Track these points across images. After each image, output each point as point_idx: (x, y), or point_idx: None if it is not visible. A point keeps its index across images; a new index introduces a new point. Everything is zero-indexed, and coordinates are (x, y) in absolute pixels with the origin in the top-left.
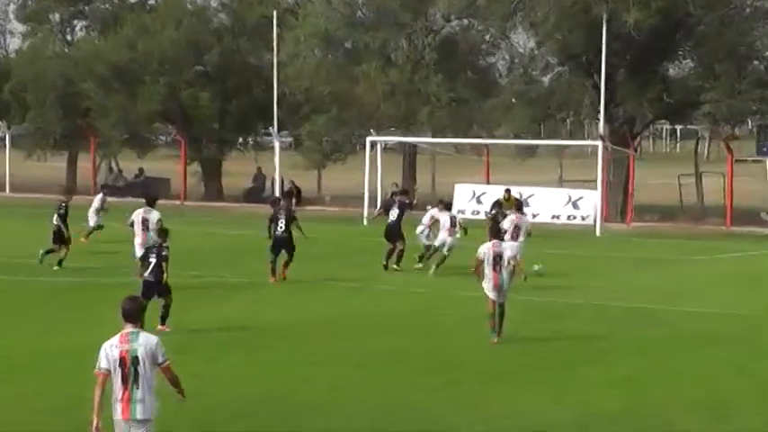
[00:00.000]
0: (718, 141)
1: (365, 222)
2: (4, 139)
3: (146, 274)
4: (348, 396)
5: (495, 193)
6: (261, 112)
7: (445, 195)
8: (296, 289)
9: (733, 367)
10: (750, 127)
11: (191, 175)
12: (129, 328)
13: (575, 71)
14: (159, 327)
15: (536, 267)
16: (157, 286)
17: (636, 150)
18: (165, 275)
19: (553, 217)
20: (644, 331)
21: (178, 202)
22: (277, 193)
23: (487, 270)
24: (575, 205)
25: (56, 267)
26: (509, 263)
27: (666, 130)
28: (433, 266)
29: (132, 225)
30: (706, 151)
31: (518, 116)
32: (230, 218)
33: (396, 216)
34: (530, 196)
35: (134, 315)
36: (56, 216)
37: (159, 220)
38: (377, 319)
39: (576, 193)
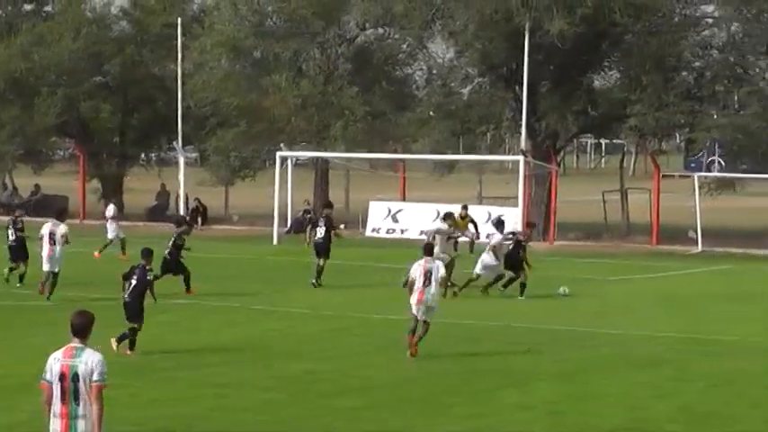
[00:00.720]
0: (644, 156)
1: (275, 242)
2: None
3: (125, 294)
4: (257, 421)
5: (412, 210)
6: (165, 126)
7: (359, 213)
8: (203, 311)
9: (656, 390)
10: (678, 141)
11: (90, 193)
12: (75, 343)
13: (495, 83)
14: (120, 350)
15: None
16: (132, 308)
17: (559, 166)
18: (142, 299)
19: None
20: (566, 354)
21: (77, 221)
22: (182, 212)
23: (416, 286)
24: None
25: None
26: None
27: (591, 144)
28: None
29: (41, 239)
30: (632, 166)
31: (436, 130)
32: (133, 237)
33: (323, 232)
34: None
35: (81, 330)
36: (12, 231)
37: (64, 235)
38: (287, 341)
39: (496, 210)
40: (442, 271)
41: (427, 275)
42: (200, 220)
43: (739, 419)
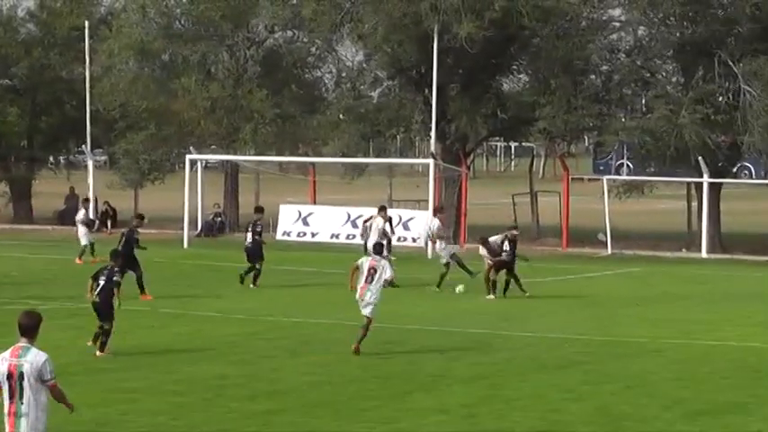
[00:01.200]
0: (554, 159)
1: (185, 245)
2: None
3: (93, 295)
4: (171, 426)
5: (322, 213)
6: (73, 129)
7: (270, 216)
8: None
9: (568, 392)
10: (587, 144)
11: None
12: (22, 343)
13: (405, 86)
14: (98, 353)
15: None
16: (102, 308)
17: (469, 169)
18: (115, 300)
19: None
20: (478, 357)
21: None
22: (91, 215)
23: (360, 280)
24: (405, 226)
25: None
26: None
27: (501, 147)
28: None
29: None
30: (542, 169)
31: (346, 133)
32: (42, 241)
33: (251, 238)
34: (358, 217)
35: (29, 330)
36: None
37: None
38: (197, 345)
39: (406, 213)
40: (389, 272)
41: (371, 272)
42: (109, 223)
43: (653, 420)
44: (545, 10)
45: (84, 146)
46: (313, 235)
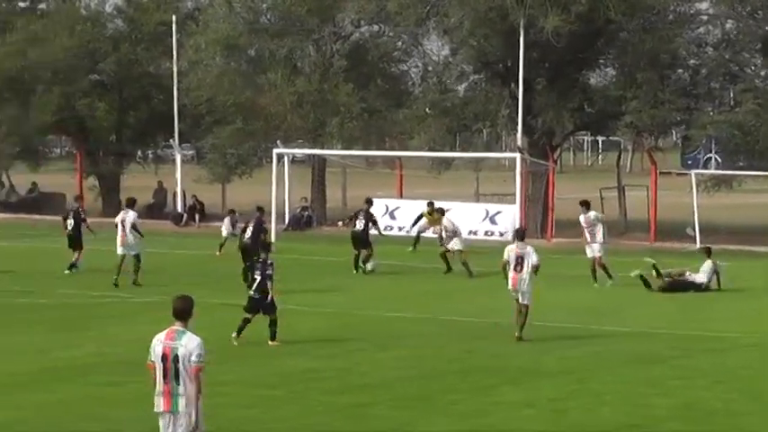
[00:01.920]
0: (641, 153)
1: (273, 239)
2: None
3: (251, 290)
4: (259, 420)
5: (410, 207)
6: (161, 124)
7: (355, 209)
8: (201, 310)
9: (657, 386)
10: (675, 138)
11: (88, 190)
12: (176, 326)
13: (491, 80)
14: (270, 342)
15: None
16: (262, 302)
17: (555, 163)
18: (270, 293)
19: (470, 232)
20: (566, 351)
21: None
22: (179, 209)
23: (509, 271)
24: (492, 220)
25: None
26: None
27: (587, 141)
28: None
29: (116, 226)
30: (629, 164)
31: (432, 127)
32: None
33: (362, 225)
34: (446, 211)
35: (183, 313)
36: (72, 222)
37: (133, 224)
38: (287, 339)
39: (493, 207)
40: (535, 258)
41: (519, 260)
42: (197, 217)
43: (743, 416)
44: (631, 3)
45: (171, 140)
46: (399, 229)
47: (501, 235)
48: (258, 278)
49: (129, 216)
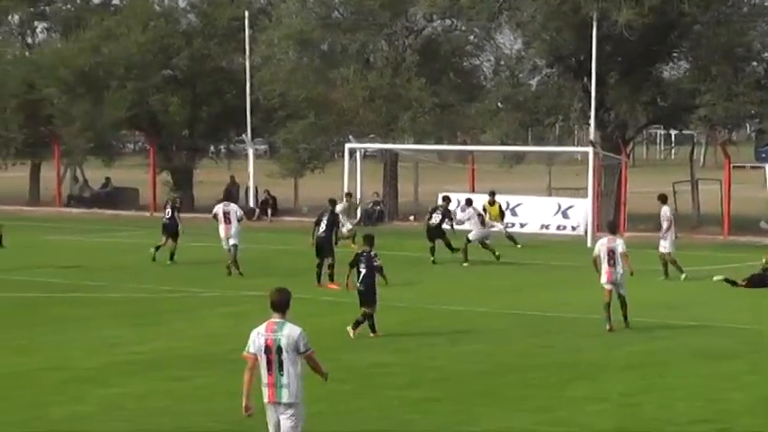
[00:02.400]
0: (714, 147)
1: (344, 232)
2: None
3: (357, 283)
4: (328, 414)
5: (482, 202)
6: (233, 119)
7: (429, 204)
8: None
9: (731, 381)
10: (748, 132)
11: (161, 185)
12: (275, 318)
13: (564, 74)
14: (371, 335)
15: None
16: (366, 295)
17: (628, 157)
18: (375, 285)
19: (542, 227)
20: (638, 346)
21: (147, 214)
22: (251, 204)
23: (603, 265)
24: (564, 215)
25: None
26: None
27: (660, 135)
28: None
29: (215, 217)
30: (702, 157)
31: (504, 121)
32: (203, 229)
33: (438, 219)
34: (518, 205)
35: (281, 305)
36: (169, 210)
37: (238, 214)
38: (360, 333)
39: (566, 201)
40: (621, 248)
41: (610, 254)
42: (269, 212)
43: None
44: None
45: (244, 135)
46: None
47: (573, 229)
48: (363, 270)
49: (233, 208)
